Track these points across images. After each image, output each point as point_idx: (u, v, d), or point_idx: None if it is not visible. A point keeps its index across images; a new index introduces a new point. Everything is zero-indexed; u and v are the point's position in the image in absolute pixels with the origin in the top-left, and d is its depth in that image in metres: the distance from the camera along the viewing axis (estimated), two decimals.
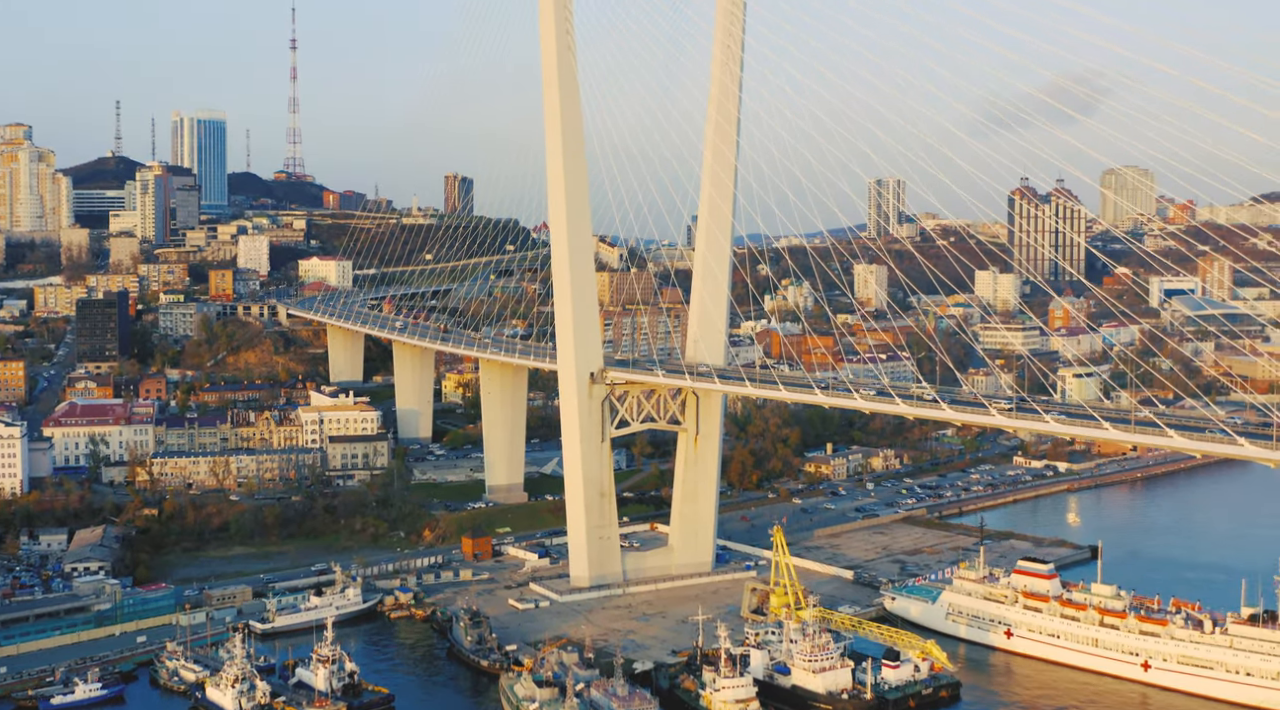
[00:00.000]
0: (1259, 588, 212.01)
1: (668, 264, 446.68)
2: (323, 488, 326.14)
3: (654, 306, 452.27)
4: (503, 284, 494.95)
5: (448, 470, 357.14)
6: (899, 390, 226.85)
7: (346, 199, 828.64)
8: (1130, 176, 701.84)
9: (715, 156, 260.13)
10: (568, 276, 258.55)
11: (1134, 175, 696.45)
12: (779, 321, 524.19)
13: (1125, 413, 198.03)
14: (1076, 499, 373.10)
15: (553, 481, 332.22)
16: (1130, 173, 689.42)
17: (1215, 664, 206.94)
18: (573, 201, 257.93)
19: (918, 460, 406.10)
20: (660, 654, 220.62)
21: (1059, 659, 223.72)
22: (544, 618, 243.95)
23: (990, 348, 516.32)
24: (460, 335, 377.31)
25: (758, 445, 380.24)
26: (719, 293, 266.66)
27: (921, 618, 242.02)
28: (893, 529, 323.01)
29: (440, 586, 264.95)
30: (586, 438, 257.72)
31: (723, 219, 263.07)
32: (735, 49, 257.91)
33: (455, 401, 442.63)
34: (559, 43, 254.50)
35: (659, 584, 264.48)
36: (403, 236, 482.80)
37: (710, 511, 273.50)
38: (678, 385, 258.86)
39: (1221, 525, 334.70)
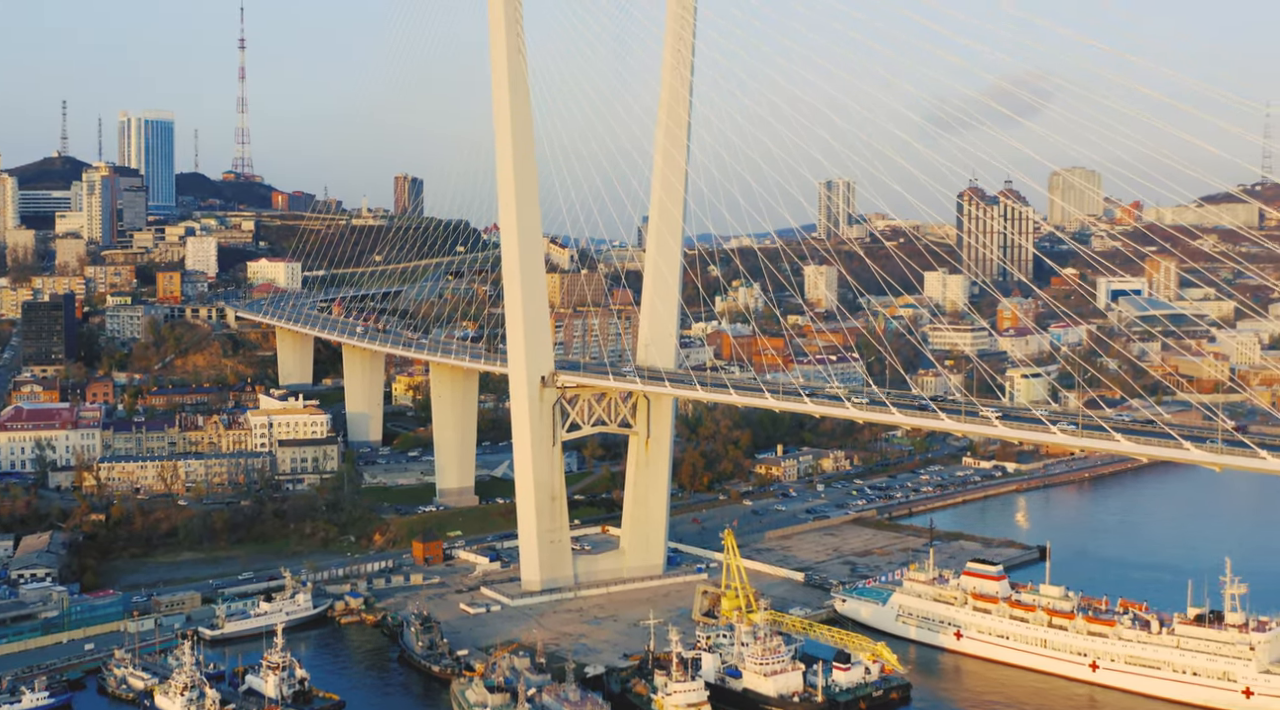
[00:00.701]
0: (1205, 588, 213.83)
1: (618, 265, 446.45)
2: (272, 492, 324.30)
3: (605, 308, 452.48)
4: (453, 285, 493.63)
5: (398, 474, 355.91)
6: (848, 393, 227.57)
7: (296, 200, 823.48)
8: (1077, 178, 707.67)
9: (666, 160, 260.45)
10: (518, 280, 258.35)
11: (1080, 177, 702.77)
12: (729, 323, 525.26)
13: (1073, 416, 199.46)
14: (1025, 499, 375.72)
15: (504, 484, 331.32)
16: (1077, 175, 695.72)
17: (1162, 664, 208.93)
18: (523, 203, 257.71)
19: (868, 461, 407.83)
20: (612, 658, 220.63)
21: (1008, 660, 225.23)
22: (495, 622, 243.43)
23: (939, 349, 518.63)
24: (398, 335, 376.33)
25: (709, 447, 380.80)
26: (669, 296, 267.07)
27: (872, 620, 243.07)
28: (843, 530, 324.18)
29: (391, 591, 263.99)
30: (537, 441, 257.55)
31: (673, 223, 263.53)
32: (685, 53, 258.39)
33: (406, 404, 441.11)
34: (509, 44, 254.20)
35: (610, 587, 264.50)
36: (352, 238, 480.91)
37: (661, 514, 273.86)
38: (629, 389, 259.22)
39: (1168, 525, 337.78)
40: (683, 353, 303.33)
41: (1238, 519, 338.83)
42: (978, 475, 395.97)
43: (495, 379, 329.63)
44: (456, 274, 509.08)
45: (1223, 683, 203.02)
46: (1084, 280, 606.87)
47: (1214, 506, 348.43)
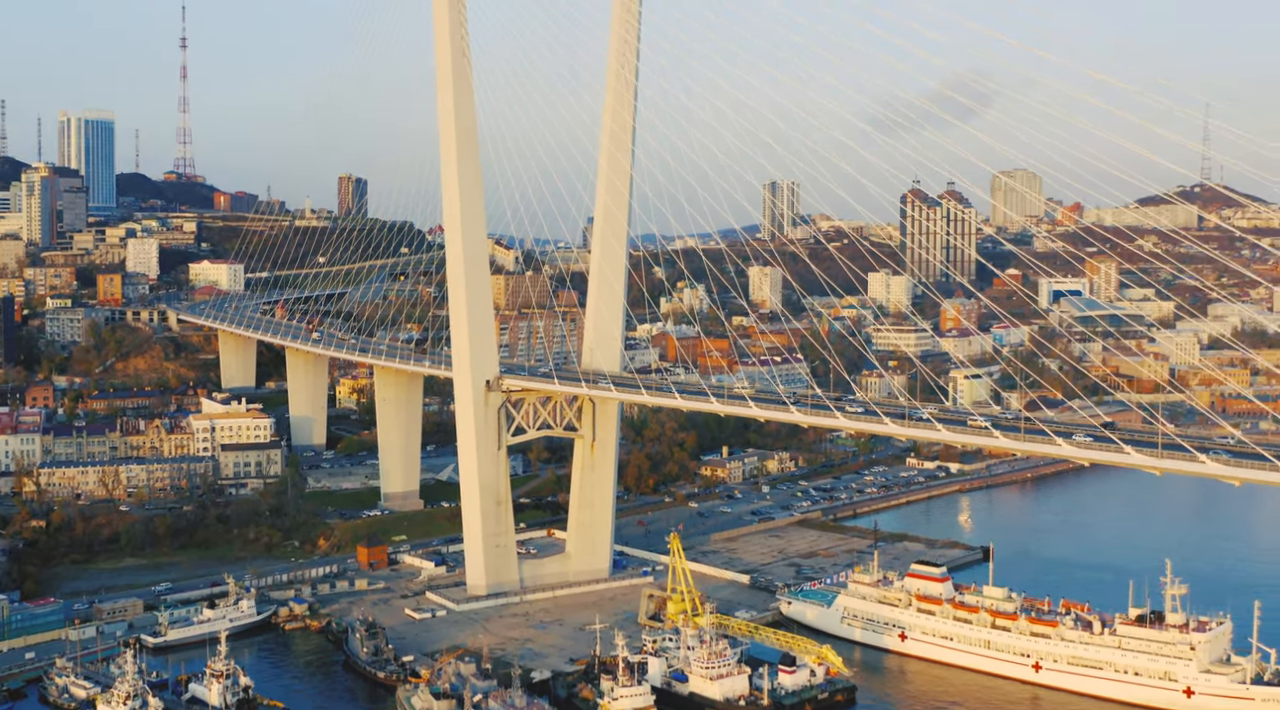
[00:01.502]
0: (1146, 589, 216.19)
1: (563, 266, 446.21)
2: (215, 497, 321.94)
3: (550, 310, 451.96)
4: (398, 287, 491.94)
5: (342, 478, 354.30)
6: (793, 397, 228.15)
7: (238, 200, 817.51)
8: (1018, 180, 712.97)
9: (610, 165, 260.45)
10: (463, 283, 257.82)
11: (1022, 179, 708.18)
12: (674, 324, 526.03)
13: (1016, 419, 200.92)
14: (968, 500, 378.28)
15: (449, 488, 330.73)
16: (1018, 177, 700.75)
17: (1104, 664, 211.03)
18: (467, 205, 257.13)
19: (813, 462, 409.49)
20: (558, 662, 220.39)
21: (952, 661, 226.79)
22: (441, 627, 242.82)
23: (882, 350, 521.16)
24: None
25: (654, 449, 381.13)
26: (614, 300, 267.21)
27: (817, 622, 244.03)
28: (788, 532, 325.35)
29: (335, 596, 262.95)
30: (482, 445, 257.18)
31: (618, 227, 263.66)
32: (630, 57, 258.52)
33: (350, 407, 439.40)
34: (453, 44, 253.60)
35: (556, 591, 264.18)
36: (296, 239, 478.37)
37: (607, 518, 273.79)
38: (574, 393, 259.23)
39: (1109, 525, 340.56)
40: (628, 355, 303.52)
41: (1178, 519, 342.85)
42: (921, 476, 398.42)
43: (440, 382, 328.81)
44: (401, 275, 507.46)
45: (1164, 682, 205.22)
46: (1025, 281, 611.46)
47: (1154, 506, 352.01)
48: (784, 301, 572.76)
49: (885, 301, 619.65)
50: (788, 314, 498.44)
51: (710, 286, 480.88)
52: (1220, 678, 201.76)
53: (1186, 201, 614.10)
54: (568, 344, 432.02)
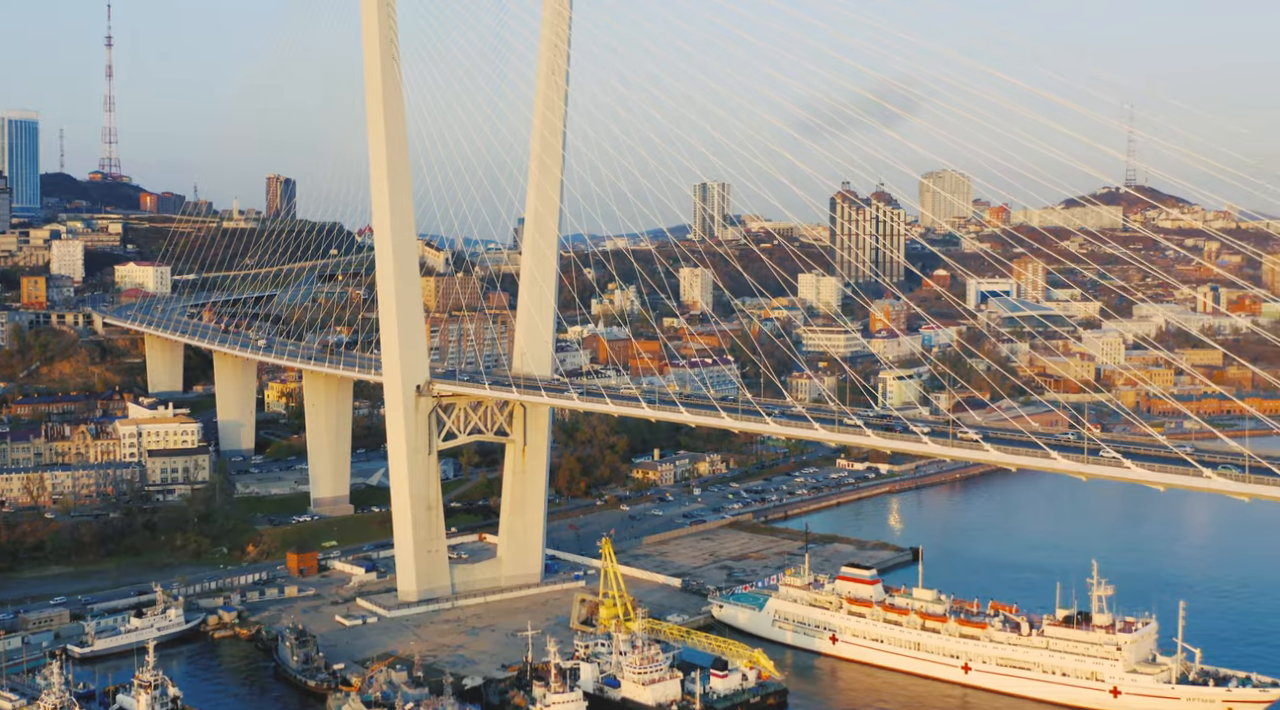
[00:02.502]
0: (1073, 590, 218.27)
1: (494, 268, 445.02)
2: (142, 503, 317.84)
3: (480, 313, 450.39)
4: (327, 290, 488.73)
5: (271, 483, 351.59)
6: (724, 403, 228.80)
7: (165, 201, 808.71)
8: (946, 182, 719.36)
9: (541, 170, 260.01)
10: (392, 289, 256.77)
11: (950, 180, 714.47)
12: (605, 326, 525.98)
13: (945, 424, 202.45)
14: (898, 501, 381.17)
15: (379, 492, 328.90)
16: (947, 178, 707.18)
17: (1032, 665, 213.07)
18: (397, 208, 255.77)
19: (744, 464, 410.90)
20: (490, 669, 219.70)
21: (883, 663, 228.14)
22: (372, 634, 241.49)
23: (812, 351, 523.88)
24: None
25: (585, 452, 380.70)
26: (545, 305, 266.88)
27: (749, 625, 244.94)
28: (720, 535, 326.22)
29: (265, 604, 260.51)
30: (413, 451, 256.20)
31: (548, 233, 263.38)
32: (561, 62, 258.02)
33: (279, 411, 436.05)
34: (382, 44, 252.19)
35: (488, 596, 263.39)
36: (224, 240, 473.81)
37: (539, 522, 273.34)
38: (505, 398, 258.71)
39: (1036, 525, 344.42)
40: (558, 357, 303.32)
41: (1104, 519, 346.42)
42: (851, 477, 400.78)
43: (371, 385, 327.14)
44: (330, 277, 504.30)
45: (1091, 683, 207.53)
46: (953, 282, 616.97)
47: (1080, 506, 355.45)
48: (714, 303, 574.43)
49: (815, 303, 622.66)
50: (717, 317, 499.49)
51: (641, 288, 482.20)
52: (1146, 677, 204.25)
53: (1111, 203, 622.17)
54: (498, 347, 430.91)
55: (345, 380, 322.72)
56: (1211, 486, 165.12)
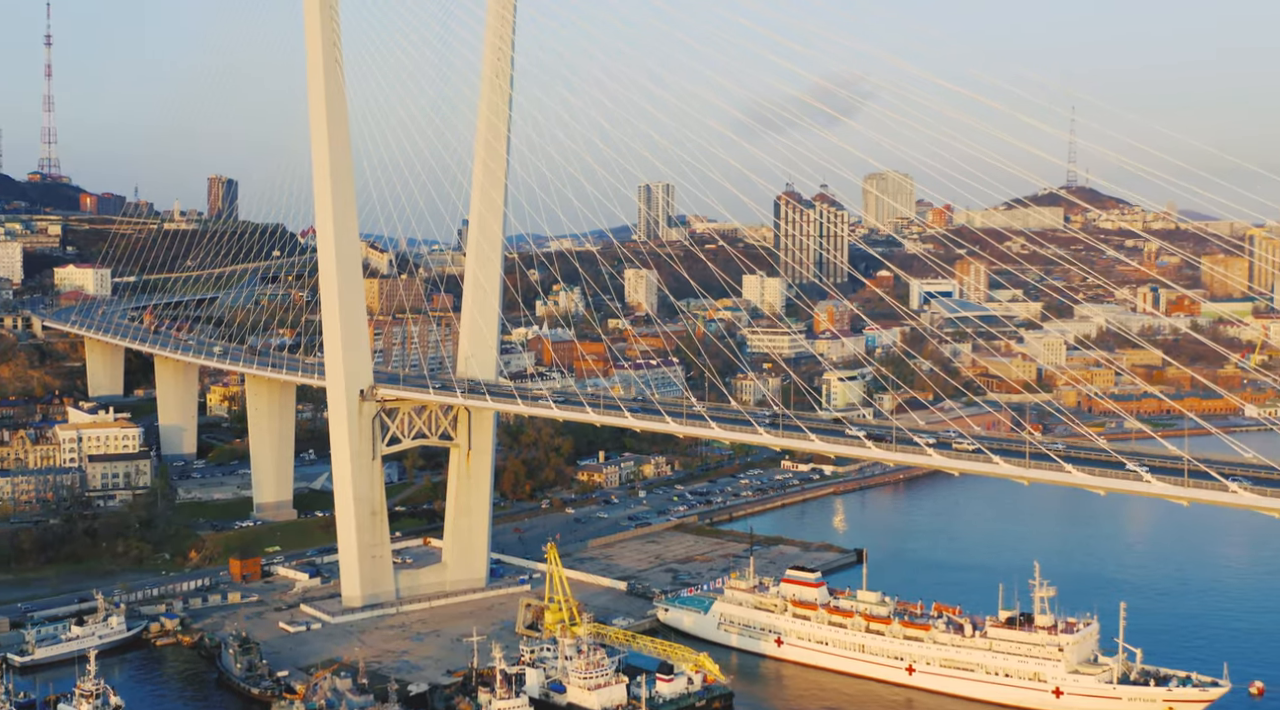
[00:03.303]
0: (1015, 591, 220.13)
1: (437, 270, 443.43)
2: (82, 509, 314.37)
3: (424, 315, 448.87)
4: (270, 292, 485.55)
5: (214, 488, 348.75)
6: (668, 407, 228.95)
7: (106, 202, 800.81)
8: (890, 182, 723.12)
9: (486, 174, 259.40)
10: (335, 293, 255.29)
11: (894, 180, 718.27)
12: (550, 328, 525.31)
13: (887, 429, 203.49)
14: (842, 502, 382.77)
15: (323, 497, 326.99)
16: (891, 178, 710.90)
17: (975, 666, 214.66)
18: (339, 211, 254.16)
19: (689, 466, 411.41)
20: (435, 674, 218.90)
21: (828, 665, 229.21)
22: (316, 640, 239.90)
23: (757, 352, 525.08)
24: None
25: (530, 455, 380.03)
26: (490, 310, 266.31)
27: (694, 628, 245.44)
28: (665, 537, 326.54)
29: (208, 611, 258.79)
30: (357, 456, 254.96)
31: (493, 237, 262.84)
32: (505, 66, 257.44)
33: (221, 415, 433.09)
34: (325, 43, 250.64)
35: (433, 601, 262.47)
36: (165, 242, 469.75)
37: (484, 526, 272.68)
38: (449, 403, 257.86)
39: (979, 526, 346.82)
40: (503, 359, 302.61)
41: (1046, 519, 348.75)
42: (796, 478, 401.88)
43: (314, 388, 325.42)
44: (273, 279, 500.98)
45: (1033, 683, 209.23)
46: (897, 283, 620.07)
47: (1023, 507, 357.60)
48: (659, 305, 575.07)
49: (759, 304, 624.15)
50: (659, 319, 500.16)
51: (585, 290, 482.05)
52: (1088, 678, 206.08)
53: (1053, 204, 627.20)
54: (443, 349, 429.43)
55: (288, 384, 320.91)
56: (1151, 491, 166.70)
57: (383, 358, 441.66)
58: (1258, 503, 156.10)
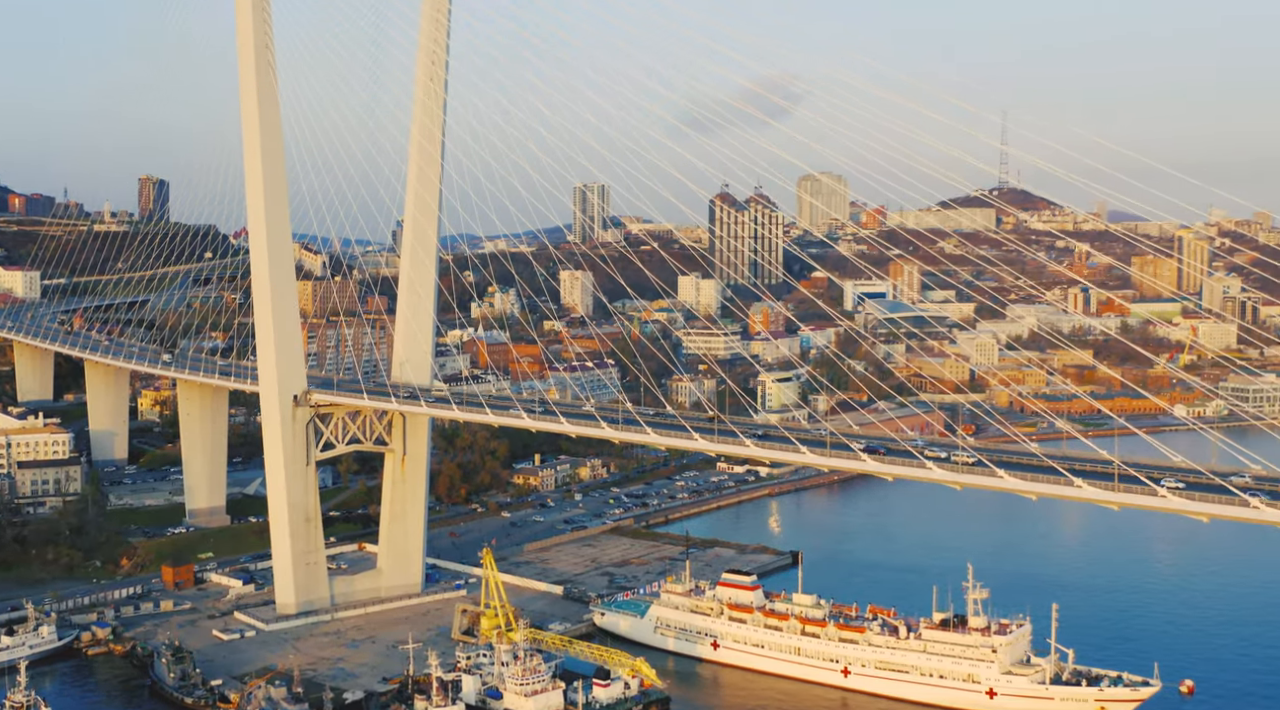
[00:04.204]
0: (949, 592, 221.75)
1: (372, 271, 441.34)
2: (11, 517, 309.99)
3: (358, 318, 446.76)
4: (202, 294, 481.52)
5: (146, 494, 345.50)
6: (604, 412, 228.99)
7: (34, 202, 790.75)
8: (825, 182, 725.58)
9: (419, 179, 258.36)
10: (268, 297, 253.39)
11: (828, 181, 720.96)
12: (485, 330, 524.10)
13: (821, 434, 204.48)
14: (778, 503, 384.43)
15: (256, 502, 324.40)
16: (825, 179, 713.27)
17: (910, 668, 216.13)
18: (272, 210, 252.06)
19: (624, 469, 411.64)
20: (371, 682, 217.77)
21: (764, 668, 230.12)
22: (250, 648, 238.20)
23: (693, 353, 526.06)
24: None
25: (466, 458, 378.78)
26: (424, 314, 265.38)
27: (631, 632, 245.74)
28: (601, 540, 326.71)
29: (140, 619, 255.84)
30: (290, 462, 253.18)
31: (427, 242, 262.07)
32: (439, 70, 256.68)
33: (152, 420, 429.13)
34: (256, 42, 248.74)
35: (369, 608, 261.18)
36: (95, 244, 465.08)
37: (419, 532, 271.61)
38: (384, 408, 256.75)
39: (913, 527, 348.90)
40: (438, 362, 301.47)
41: (978, 520, 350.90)
42: (731, 480, 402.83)
43: (247, 393, 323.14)
44: (205, 282, 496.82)
45: (967, 684, 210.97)
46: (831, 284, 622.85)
47: (955, 507, 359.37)
48: (594, 306, 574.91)
49: (695, 305, 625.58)
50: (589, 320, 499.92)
51: (520, 292, 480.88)
52: (1021, 679, 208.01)
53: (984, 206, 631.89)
54: (377, 352, 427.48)
55: (221, 388, 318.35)
56: (1082, 496, 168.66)
57: (317, 361, 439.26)
58: (1186, 507, 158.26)
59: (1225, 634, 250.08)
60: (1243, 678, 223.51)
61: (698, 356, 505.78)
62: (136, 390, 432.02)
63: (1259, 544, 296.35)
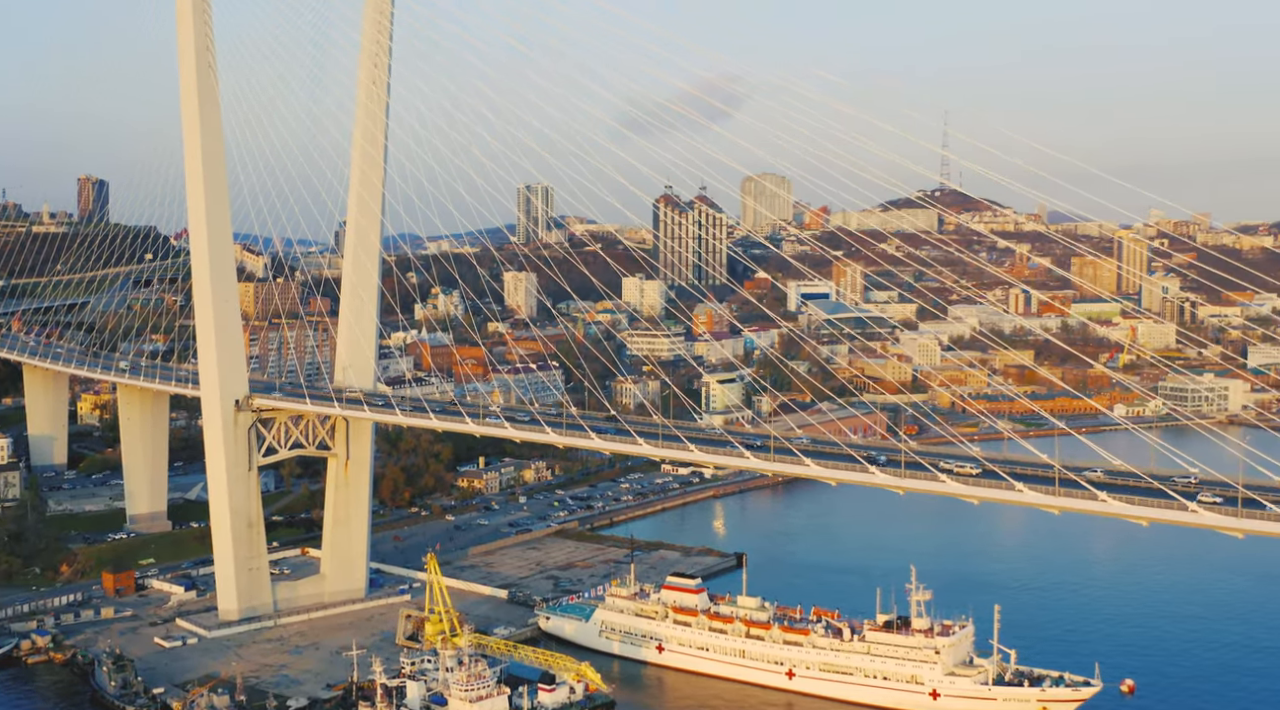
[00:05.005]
0: (892, 594, 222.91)
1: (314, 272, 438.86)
2: None
3: (301, 321, 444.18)
4: (143, 297, 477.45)
5: (85, 499, 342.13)
6: (548, 416, 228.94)
7: None
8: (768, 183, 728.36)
9: (362, 182, 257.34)
10: (209, 300, 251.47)
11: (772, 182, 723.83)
12: (428, 333, 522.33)
13: (764, 439, 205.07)
14: (722, 505, 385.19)
15: (198, 507, 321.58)
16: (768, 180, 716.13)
17: (854, 670, 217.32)
18: (213, 211, 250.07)
19: (569, 471, 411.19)
20: (314, 689, 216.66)
21: (709, 671, 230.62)
22: (192, 656, 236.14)
23: (637, 354, 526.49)
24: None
25: (410, 462, 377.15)
26: (366, 317, 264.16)
27: (576, 636, 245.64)
28: (546, 543, 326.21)
29: (80, 626, 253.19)
30: (232, 467, 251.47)
31: (370, 246, 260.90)
32: (382, 73, 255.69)
33: (92, 424, 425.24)
34: (197, 41, 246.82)
35: (312, 613, 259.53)
36: (34, 245, 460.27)
37: (363, 536, 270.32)
38: (327, 413, 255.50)
39: (857, 528, 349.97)
40: (381, 364, 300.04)
41: (921, 520, 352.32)
42: (676, 482, 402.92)
43: (188, 396, 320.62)
44: (145, 284, 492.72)
45: (911, 686, 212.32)
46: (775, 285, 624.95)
47: (899, 508, 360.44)
48: (538, 308, 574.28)
49: (639, 306, 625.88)
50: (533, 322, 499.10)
51: (464, 293, 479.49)
52: (964, 680, 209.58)
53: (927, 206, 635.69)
54: (319, 355, 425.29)
55: (162, 393, 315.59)
56: (1024, 500, 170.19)
57: (259, 364, 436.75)
58: (1126, 511, 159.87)
59: (1165, 633, 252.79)
60: (1182, 676, 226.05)
61: (641, 358, 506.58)
62: (76, 394, 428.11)
63: (1198, 543, 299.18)
